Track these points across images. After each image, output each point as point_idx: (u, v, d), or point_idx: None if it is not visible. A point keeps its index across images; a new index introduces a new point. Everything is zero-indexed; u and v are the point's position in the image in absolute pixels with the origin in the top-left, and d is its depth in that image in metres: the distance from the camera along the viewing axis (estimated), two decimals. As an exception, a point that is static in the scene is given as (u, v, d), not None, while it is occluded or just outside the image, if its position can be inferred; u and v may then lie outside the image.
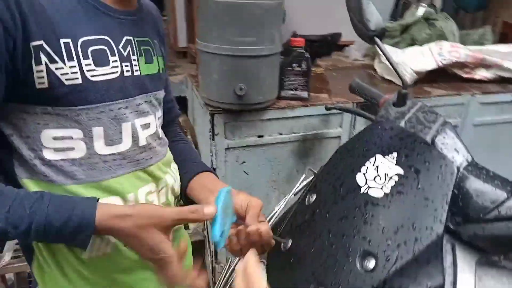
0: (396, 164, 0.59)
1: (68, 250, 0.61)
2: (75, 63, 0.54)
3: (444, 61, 1.68)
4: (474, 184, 0.63)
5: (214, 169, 1.44)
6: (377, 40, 0.78)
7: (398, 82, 1.74)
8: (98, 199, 0.53)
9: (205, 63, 1.31)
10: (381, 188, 0.58)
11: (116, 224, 0.51)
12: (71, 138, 0.57)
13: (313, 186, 0.70)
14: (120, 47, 0.61)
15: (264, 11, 1.21)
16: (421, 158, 0.57)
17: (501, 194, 0.61)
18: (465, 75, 1.74)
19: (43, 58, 0.51)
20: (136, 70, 0.64)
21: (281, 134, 1.47)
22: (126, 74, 0.61)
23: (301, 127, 1.49)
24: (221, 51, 1.23)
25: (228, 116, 1.36)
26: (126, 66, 0.61)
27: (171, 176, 0.73)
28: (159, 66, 0.71)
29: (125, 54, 0.62)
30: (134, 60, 0.64)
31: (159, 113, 0.72)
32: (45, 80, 0.52)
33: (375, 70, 1.95)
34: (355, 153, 0.66)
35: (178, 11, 2.08)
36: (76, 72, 0.54)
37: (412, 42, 1.99)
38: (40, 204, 0.49)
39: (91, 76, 0.56)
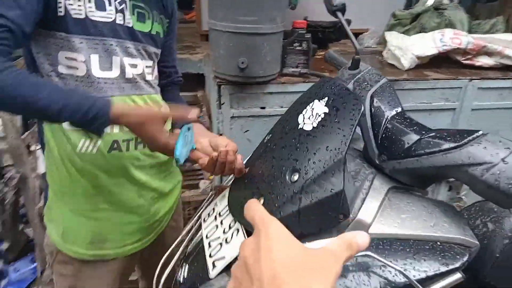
0: (325, 106, 0.75)
1: (68, 144, 0.83)
2: (81, 2, 0.77)
3: (445, 47, 1.77)
4: (396, 129, 0.78)
5: (220, 134, 1.64)
6: (339, 14, 0.93)
7: (400, 66, 1.85)
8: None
9: (214, 40, 1.50)
10: (311, 123, 0.74)
11: (125, 120, 0.72)
12: (76, 60, 0.79)
13: (271, 129, 0.87)
14: (116, 2, 0.83)
15: (266, -6, 1.37)
16: (341, 100, 0.73)
17: (415, 136, 0.75)
18: (465, 61, 1.82)
19: None
20: (128, 23, 0.86)
21: (282, 107, 1.64)
22: (118, 21, 0.84)
23: (300, 102, 1.64)
24: (226, 28, 1.41)
25: (233, 87, 1.55)
26: (119, 16, 0.84)
27: None
28: (151, 28, 0.92)
29: (119, 8, 0.84)
30: (128, 15, 0.85)
31: (149, 63, 0.92)
32: (62, 10, 0.75)
33: (382, 56, 2.06)
34: (302, 101, 0.82)
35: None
36: (81, 10, 0.77)
37: (422, 30, 2.07)
38: (73, 91, 0.70)
39: (91, 16, 0.79)
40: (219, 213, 0.84)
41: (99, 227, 0.91)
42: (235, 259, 0.72)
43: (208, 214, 0.87)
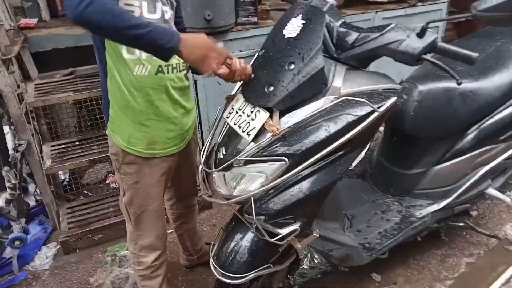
0: (301, 19, 1.15)
1: (127, 69, 1.13)
2: None
3: (354, -11, 2.26)
4: (344, 32, 1.21)
5: (195, 81, 1.98)
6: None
7: (323, 8, 2.31)
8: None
9: None
10: (295, 32, 1.14)
11: (191, 44, 1.03)
12: (133, 5, 1.08)
13: (262, 47, 1.26)
14: None
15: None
16: (312, 14, 1.14)
17: (356, 34, 1.19)
18: (370, -2, 2.34)
19: None
20: None
21: (241, 51, 2.02)
22: None
23: (255, 44, 2.03)
24: (192, -12, 1.73)
25: (201, 38, 1.88)
26: None
27: None
28: None
29: None
30: None
31: (172, 12, 1.23)
32: None
33: (307, 3, 2.51)
34: (282, 22, 1.22)
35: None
36: None
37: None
38: (154, 24, 0.98)
39: None
40: (238, 108, 1.22)
41: (151, 133, 1.23)
42: (262, 126, 1.11)
43: (229, 112, 1.24)
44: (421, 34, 1.10)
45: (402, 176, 1.65)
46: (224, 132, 1.27)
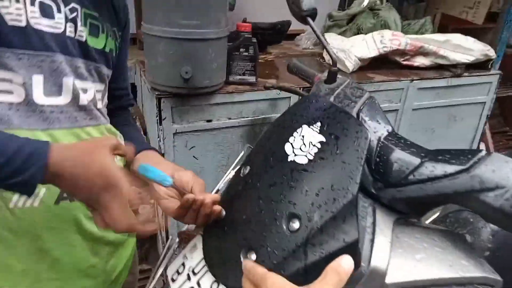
0: (319, 133, 0.62)
1: None
2: (21, 5, 0.56)
3: (385, 49, 1.76)
4: (393, 152, 0.69)
5: (163, 154, 1.44)
6: (309, 20, 0.82)
7: (344, 69, 1.81)
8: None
9: (151, 46, 1.30)
10: (306, 156, 0.61)
11: (68, 154, 0.50)
12: (10, 81, 0.58)
13: (248, 159, 0.73)
14: (67, 8, 0.63)
15: (209, -5, 1.22)
16: (340, 126, 0.61)
17: (415, 160, 0.66)
18: (404, 62, 1.84)
19: None
20: (81, 36, 0.66)
21: (230, 118, 1.49)
22: (68, 33, 0.63)
23: (249, 112, 1.51)
24: (166, 33, 1.22)
25: (175, 100, 1.36)
26: (69, 27, 0.64)
27: None
28: (105, 44, 0.72)
29: (70, 17, 0.64)
30: (80, 26, 0.65)
31: (100, 86, 0.72)
32: None
33: (323, 58, 2.02)
34: (285, 125, 0.69)
35: (126, -3, 2.05)
36: (21, 15, 0.56)
37: (358, 31, 2.07)
38: None
39: (35, 24, 0.58)
40: (193, 271, 0.67)
41: None
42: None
43: (177, 271, 0.70)
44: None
45: None
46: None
